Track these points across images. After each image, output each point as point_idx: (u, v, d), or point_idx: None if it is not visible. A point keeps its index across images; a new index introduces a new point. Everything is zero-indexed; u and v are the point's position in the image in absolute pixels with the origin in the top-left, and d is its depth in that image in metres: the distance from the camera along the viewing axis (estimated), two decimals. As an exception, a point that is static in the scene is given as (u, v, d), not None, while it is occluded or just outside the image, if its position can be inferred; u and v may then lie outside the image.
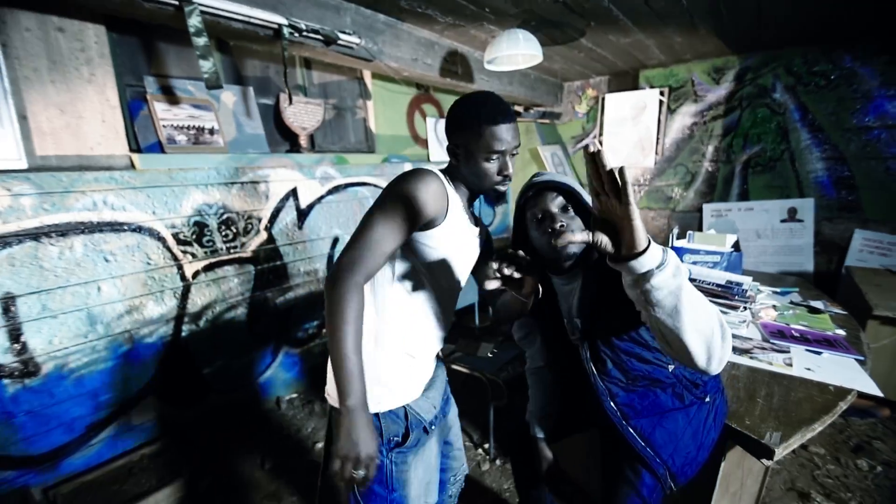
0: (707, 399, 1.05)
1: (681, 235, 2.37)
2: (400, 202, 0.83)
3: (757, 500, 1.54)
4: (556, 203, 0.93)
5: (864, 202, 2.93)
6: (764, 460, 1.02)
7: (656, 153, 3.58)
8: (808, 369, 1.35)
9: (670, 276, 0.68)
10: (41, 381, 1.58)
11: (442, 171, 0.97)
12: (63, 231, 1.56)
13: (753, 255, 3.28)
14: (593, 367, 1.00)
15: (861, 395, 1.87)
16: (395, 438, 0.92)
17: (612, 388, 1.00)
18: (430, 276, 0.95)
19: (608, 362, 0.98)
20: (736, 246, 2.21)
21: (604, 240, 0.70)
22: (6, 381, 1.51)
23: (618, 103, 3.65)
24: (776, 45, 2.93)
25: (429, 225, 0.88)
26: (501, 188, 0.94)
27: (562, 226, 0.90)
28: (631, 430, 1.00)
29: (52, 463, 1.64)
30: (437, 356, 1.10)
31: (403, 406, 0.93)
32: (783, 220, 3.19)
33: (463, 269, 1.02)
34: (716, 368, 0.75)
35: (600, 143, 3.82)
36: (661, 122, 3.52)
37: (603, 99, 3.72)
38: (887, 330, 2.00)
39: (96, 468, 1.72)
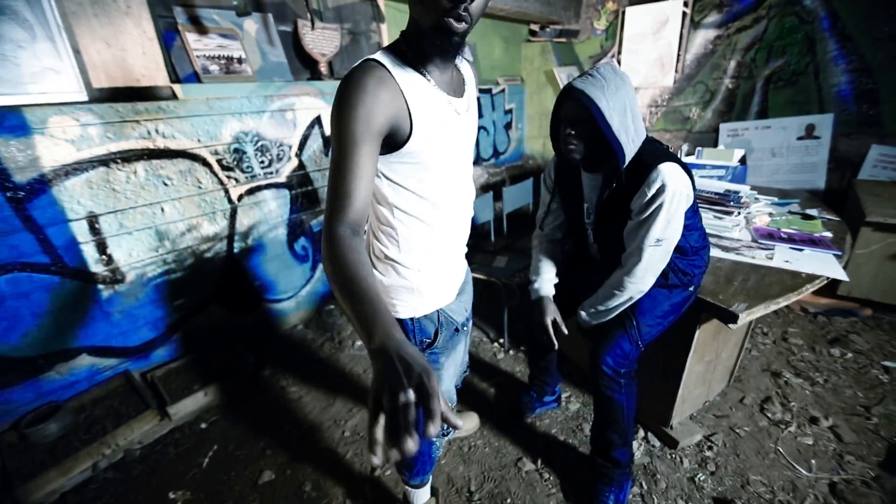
0: (690, 289, 1.27)
1: (690, 153, 2.45)
2: (342, 128, 0.70)
3: (731, 372, 1.81)
4: (572, 115, 1.07)
5: (885, 116, 2.88)
6: (730, 325, 1.24)
7: (676, 71, 3.50)
8: (787, 262, 1.53)
9: None
10: (128, 286, 1.88)
11: (390, 47, 0.80)
12: (126, 157, 1.77)
13: (766, 175, 3.32)
14: (596, 248, 1.21)
15: (845, 298, 2.09)
16: (427, 339, 0.98)
17: (611, 264, 1.22)
18: (429, 188, 0.86)
19: (611, 253, 1.20)
20: (742, 160, 2.30)
21: None
22: (101, 286, 1.81)
23: (639, 17, 3.50)
24: (812, -58, 2.73)
25: (395, 138, 0.76)
26: (454, 24, 0.69)
27: (568, 134, 1.07)
28: None
29: (145, 353, 2.01)
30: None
31: (437, 310, 0.98)
32: (800, 138, 3.18)
33: (463, 155, 0.92)
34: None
35: (618, 61, 3.72)
36: (683, 36, 3.39)
37: (623, 12, 3.56)
38: (877, 236, 2.13)
39: (178, 358, 2.09)
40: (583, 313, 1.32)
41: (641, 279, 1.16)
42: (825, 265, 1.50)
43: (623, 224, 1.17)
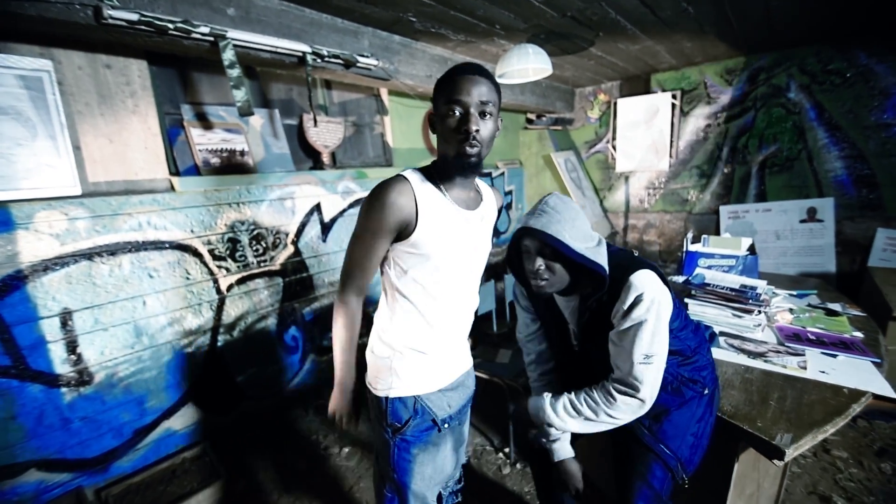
0: (706, 392, 1.11)
1: (695, 239, 2.39)
2: (366, 220, 0.91)
3: (776, 502, 1.56)
4: (538, 249, 1.00)
5: (886, 200, 2.89)
6: (776, 461, 1.06)
7: (670, 156, 3.59)
8: (823, 372, 1.38)
9: None
10: (94, 389, 1.71)
11: (423, 167, 0.98)
12: (112, 250, 1.70)
13: (773, 257, 3.26)
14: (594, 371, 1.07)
15: (878, 397, 1.88)
16: (397, 424, 1.00)
17: None
18: (427, 277, 0.96)
19: (601, 375, 1.05)
20: (751, 249, 2.23)
21: None
22: (64, 389, 1.65)
23: (630, 107, 3.68)
24: (788, 44, 2.93)
25: (404, 233, 0.91)
26: (468, 150, 0.88)
27: (538, 269, 0.99)
28: (640, 426, 1.06)
29: (103, 466, 1.77)
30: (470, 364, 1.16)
31: (413, 396, 1.00)
32: (802, 221, 3.16)
33: (466, 258, 1.01)
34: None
35: (613, 147, 3.85)
36: (674, 124, 3.53)
37: (615, 103, 3.75)
38: (909, 331, 1.98)
39: (142, 470, 1.85)
40: (546, 403, 1.08)
41: (628, 407, 1.00)
42: (866, 376, 1.35)
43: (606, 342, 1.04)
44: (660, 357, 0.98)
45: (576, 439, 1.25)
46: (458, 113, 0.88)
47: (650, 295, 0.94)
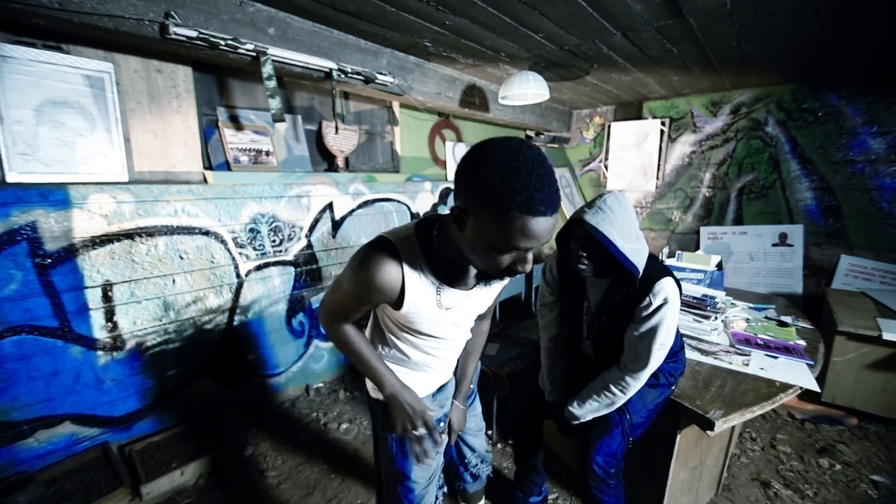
0: (673, 387, 1.36)
1: (671, 255, 2.64)
2: (350, 286, 0.88)
3: (719, 480, 1.78)
4: (585, 243, 1.20)
5: (849, 230, 3.15)
6: (708, 432, 1.28)
7: (657, 178, 3.86)
8: (762, 369, 1.61)
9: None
10: (125, 354, 1.92)
11: (424, 232, 0.89)
12: (151, 232, 1.92)
13: (746, 276, 3.52)
14: (589, 344, 1.31)
15: (831, 405, 2.16)
16: (391, 423, 1.05)
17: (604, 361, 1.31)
18: (415, 334, 1.00)
19: (608, 356, 1.30)
20: (719, 266, 2.48)
21: None
22: (100, 352, 1.85)
23: (622, 131, 3.95)
24: (766, 84, 3.22)
25: (390, 302, 0.91)
26: (504, 277, 0.87)
27: (582, 256, 1.22)
28: None
29: (128, 424, 1.98)
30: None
31: None
32: (774, 245, 3.43)
33: (460, 323, 1.02)
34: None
35: (606, 167, 4.11)
36: (662, 149, 3.81)
37: (609, 126, 4.03)
38: (852, 345, 2.23)
39: (161, 431, 2.04)
40: (574, 409, 1.35)
41: (642, 381, 1.26)
42: (798, 374, 1.58)
43: (622, 326, 1.28)
44: (668, 346, 1.24)
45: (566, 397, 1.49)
46: (517, 254, 0.75)
47: (673, 300, 1.20)
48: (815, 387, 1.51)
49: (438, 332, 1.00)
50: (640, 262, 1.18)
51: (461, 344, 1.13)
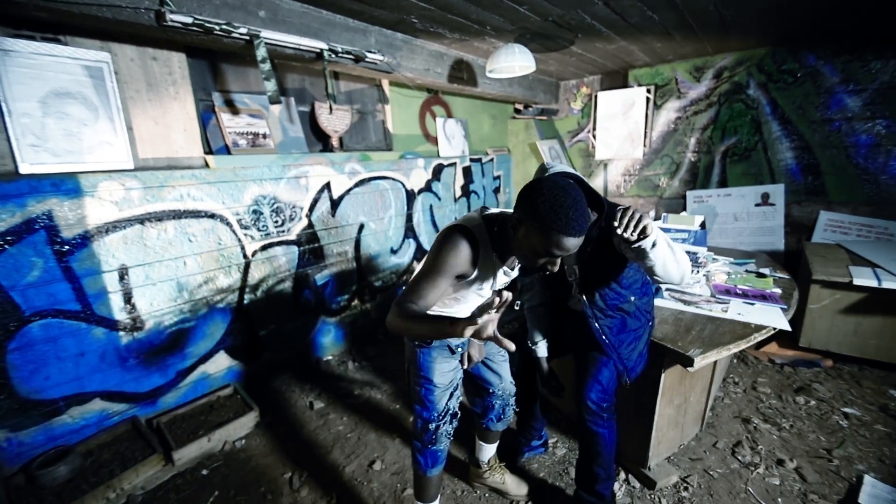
0: (651, 323, 1.48)
1: (657, 217, 2.77)
2: (435, 262, 1.10)
3: (702, 417, 1.96)
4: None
5: (828, 186, 3.29)
6: (689, 368, 1.43)
7: (644, 145, 3.96)
8: (740, 314, 1.75)
9: (659, 249, 1.14)
10: (145, 334, 2.03)
11: (489, 224, 1.17)
12: (160, 217, 2.00)
13: (731, 237, 3.67)
14: (585, 299, 1.43)
15: (808, 349, 2.31)
16: (423, 344, 1.32)
17: (596, 313, 1.43)
18: (465, 296, 1.25)
19: (595, 295, 1.41)
20: (702, 225, 2.61)
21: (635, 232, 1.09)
22: (121, 333, 1.96)
23: (609, 100, 4.02)
24: (746, 47, 3.29)
25: (461, 276, 1.16)
26: (538, 274, 1.18)
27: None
28: (605, 339, 1.42)
29: (153, 399, 2.10)
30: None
31: None
32: (757, 204, 3.56)
33: (489, 291, 1.28)
34: (684, 284, 1.33)
35: (594, 137, 4.19)
36: (648, 117, 3.89)
37: (596, 96, 4.09)
38: (826, 292, 2.39)
39: (185, 405, 2.17)
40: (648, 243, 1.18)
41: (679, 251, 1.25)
42: (772, 317, 1.73)
43: (609, 263, 1.37)
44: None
45: (551, 357, 1.62)
46: (550, 259, 1.06)
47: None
48: (786, 327, 1.66)
49: (487, 291, 1.24)
50: (602, 201, 1.28)
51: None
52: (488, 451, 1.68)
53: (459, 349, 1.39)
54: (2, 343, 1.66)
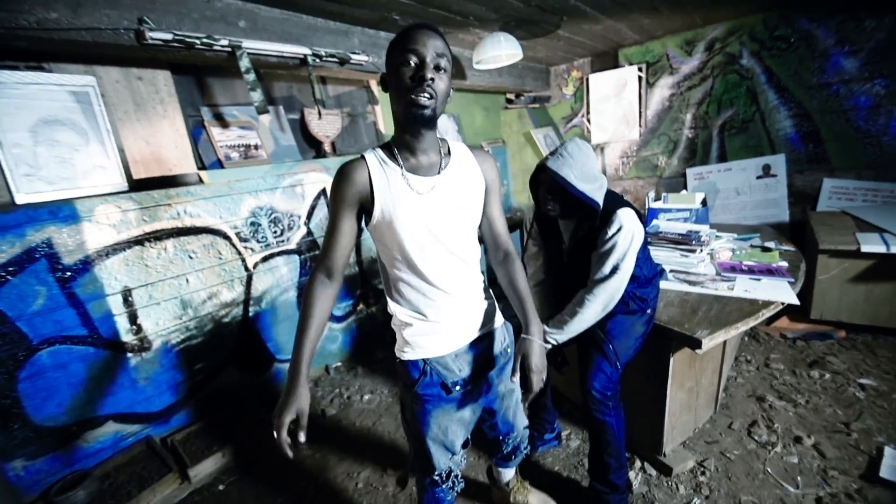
0: (648, 311, 1.47)
1: (657, 197, 2.73)
2: (329, 199, 1.00)
3: (716, 399, 1.94)
4: (549, 187, 1.38)
5: (830, 153, 3.23)
6: (697, 350, 1.41)
7: (640, 125, 3.90)
8: (746, 291, 1.73)
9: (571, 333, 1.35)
10: (153, 354, 2.04)
11: (384, 143, 1.01)
12: (158, 236, 2.00)
13: (734, 212, 3.62)
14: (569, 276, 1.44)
15: (819, 321, 2.26)
16: (409, 381, 1.08)
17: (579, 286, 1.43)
18: (403, 246, 0.98)
19: (578, 273, 1.43)
20: (704, 202, 2.57)
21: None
22: (130, 354, 1.97)
23: (601, 82, 3.97)
24: (737, 16, 3.22)
25: (367, 208, 0.97)
26: (422, 100, 0.86)
27: (547, 197, 1.39)
28: (597, 329, 1.43)
29: (166, 418, 2.12)
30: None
31: (423, 359, 1.07)
32: (759, 177, 3.51)
33: (436, 222, 0.98)
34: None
35: (588, 121, 4.15)
36: (641, 96, 3.83)
37: (587, 79, 4.04)
38: (834, 262, 2.35)
39: (196, 422, 2.19)
40: (550, 330, 1.40)
41: (599, 299, 1.35)
42: (780, 291, 1.70)
43: (589, 258, 1.42)
44: (623, 272, 1.35)
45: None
46: (413, 63, 0.87)
47: (628, 226, 1.32)
48: (794, 300, 1.63)
49: (421, 228, 0.98)
50: (598, 198, 1.34)
51: (466, 298, 1.10)
52: (507, 473, 1.55)
53: (458, 386, 1.10)
54: (12, 373, 1.67)
